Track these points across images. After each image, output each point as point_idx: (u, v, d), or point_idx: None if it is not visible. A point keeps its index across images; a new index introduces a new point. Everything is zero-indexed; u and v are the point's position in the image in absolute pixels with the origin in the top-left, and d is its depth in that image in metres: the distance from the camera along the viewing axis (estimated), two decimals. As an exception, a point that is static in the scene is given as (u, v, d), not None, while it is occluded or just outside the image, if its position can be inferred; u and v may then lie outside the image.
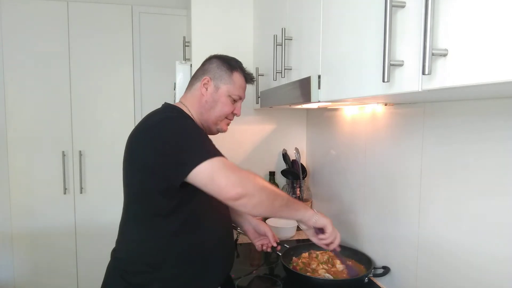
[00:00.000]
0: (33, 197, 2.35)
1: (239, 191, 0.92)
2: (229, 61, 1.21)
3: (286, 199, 1.04)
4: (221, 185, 0.92)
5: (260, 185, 0.97)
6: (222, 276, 1.17)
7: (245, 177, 0.96)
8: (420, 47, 0.57)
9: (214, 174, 0.93)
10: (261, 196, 0.97)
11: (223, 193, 0.93)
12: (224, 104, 1.19)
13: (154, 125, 1.06)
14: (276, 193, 1.01)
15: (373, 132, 1.37)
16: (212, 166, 0.94)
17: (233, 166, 0.97)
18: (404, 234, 1.20)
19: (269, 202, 0.98)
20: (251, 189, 0.94)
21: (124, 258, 1.11)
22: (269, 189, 1.00)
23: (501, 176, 0.85)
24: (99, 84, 2.41)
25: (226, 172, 0.94)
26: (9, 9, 2.22)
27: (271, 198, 0.99)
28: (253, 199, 0.95)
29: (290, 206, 1.06)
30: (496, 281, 0.87)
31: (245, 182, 0.94)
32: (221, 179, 0.93)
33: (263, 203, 0.97)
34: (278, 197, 1.01)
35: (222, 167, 0.94)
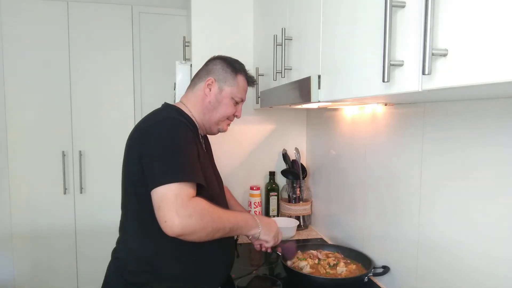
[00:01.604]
0: (33, 197, 2.35)
1: (176, 231, 0.91)
2: (233, 63, 1.22)
3: (228, 229, 1.03)
4: (162, 219, 0.91)
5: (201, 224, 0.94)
6: (222, 276, 1.17)
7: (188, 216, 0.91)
8: (420, 47, 0.57)
9: (161, 204, 0.92)
10: (200, 235, 0.95)
11: (161, 226, 0.92)
12: (227, 106, 1.20)
13: (148, 128, 1.06)
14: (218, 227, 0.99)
15: (373, 132, 1.37)
16: (163, 194, 0.92)
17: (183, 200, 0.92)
18: (404, 234, 1.20)
19: (208, 237, 0.97)
20: (189, 230, 0.92)
21: (124, 257, 1.11)
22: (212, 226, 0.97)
23: (501, 176, 0.85)
24: (99, 84, 2.41)
25: (171, 207, 0.91)
26: (9, 9, 2.22)
27: (210, 234, 0.98)
28: (190, 237, 0.94)
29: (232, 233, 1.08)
30: (496, 281, 0.87)
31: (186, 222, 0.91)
32: (164, 212, 0.91)
33: (200, 238, 0.96)
34: (220, 230, 1.00)
35: (172, 200, 0.91)
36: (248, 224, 1.13)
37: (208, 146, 1.30)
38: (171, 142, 1.01)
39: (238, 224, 1.09)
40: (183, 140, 1.03)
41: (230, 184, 1.83)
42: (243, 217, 1.13)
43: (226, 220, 1.03)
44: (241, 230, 1.11)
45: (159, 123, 1.05)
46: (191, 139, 1.06)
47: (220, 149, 1.86)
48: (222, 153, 1.92)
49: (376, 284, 1.29)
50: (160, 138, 1.01)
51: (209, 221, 0.97)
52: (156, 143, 1.00)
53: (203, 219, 0.94)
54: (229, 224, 1.04)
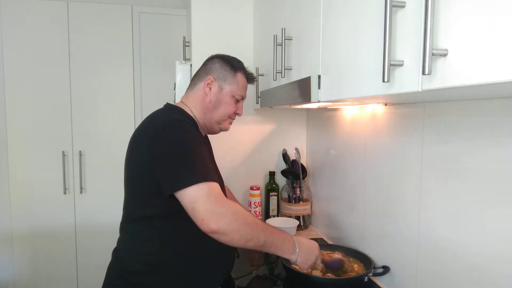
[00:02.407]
0: (33, 197, 2.35)
1: (213, 227, 0.92)
2: (231, 61, 1.22)
3: (262, 242, 1.01)
4: (199, 217, 0.92)
5: (236, 226, 0.94)
6: (222, 276, 1.17)
7: (223, 214, 0.93)
8: (420, 47, 0.57)
9: (195, 204, 0.92)
10: (233, 237, 0.95)
11: (198, 224, 0.93)
12: (227, 104, 1.20)
13: (155, 128, 1.05)
14: (253, 234, 0.98)
15: (373, 132, 1.37)
16: (196, 193, 0.93)
17: (216, 198, 0.94)
18: (404, 234, 1.20)
19: (241, 243, 0.97)
20: (224, 228, 0.93)
21: (124, 257, 1.11)
22: (246, 230, 0.97)
23: (501, 175, 0.85)
24: (99, 84, 2.41)
25: (207, 205, 0.92)
26: (9, 9, 2.22)
27: (243, 240, 0.97)
28: (224, 237, 0.94)
29: (266, 247, 1.03)
30: (496, 280, 0.87)
31: (222, 220, 0.92)
32: (200, 211, 0.92)
33: (233, 242, 0.96)
34: (254, 239, 0.98)
35: (206, 198, 0.93)
36: (285, 245, 1.08)
37: (209, 146, 1.30)
38: (187, 143, 1.00)
39: (273, 240, 1.04)
40: (196, 141, 1.04)
41: (230, 184, 1.83)
42: (282, 236, 1.08)
43: (261, 230, 1.01)
44: (276, 248, 1.06)
45: (169, 125, 1.04)
46: (201, 140, 1.08)
47: (220, 149, 1.86)
48: (222, 153, 1.92)
49: (376, 284, 1.29)
50: (174, 140, 1.00)
51: (244, 223, 0.96)
52: (172, 145, 0.99)
53: (237, 221, 0.95)
54: (264, 236, 1.01)
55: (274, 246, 1.05)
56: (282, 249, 1.07)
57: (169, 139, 1.00)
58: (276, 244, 1.05)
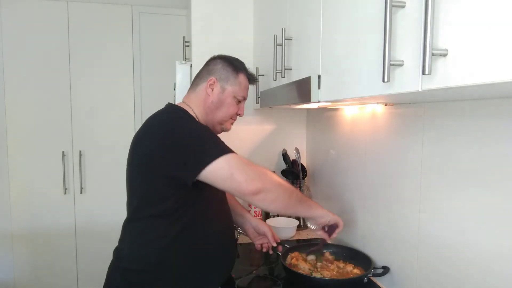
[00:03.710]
0: (33, 197, 2.35)
1: (258, 186, 0.97)
2: (233, 62, 1.22)
3: (300, 196, 1.10)
4: (241, 180, 0.97)
5: (276, 181, 1.03)
6: (223, 276, 1.17)
7: (262, 173, 1.01)
8: (420, 47, 0.57)
9: (232, 170, 0.97)
10: (278, 191, 1.02)
11: (242, 189, 0.97)
12: (229, 105, 1.20)
13: (160, 125, 1.06)
14: (291, 189, 1.07)
15: (373, 132, 1.37)
16: (229, 162, 0.98)
17: (249, 162, 1.01)
18: (404, 234, 1.20)
19: (285, 197, 1.04)
20: (268, 184, 1.00)
21: (126, 257, 1.11)
22: (285, 185, 1.06)
23: (501, 175, 0.85)
24: (99, 84, 2.41)
25: (244, 168, 0.98)
26: (9, 9, 2.23)
27: (287, 194, 1.05)
28: (270, 194, 1.00)
29: (304, 203, 1.12)
30: (496, 280, 0.87)
31: (263, 178, 1.00)
32: (240, 174, 0.97)
33: (279, 198, 1.03)
34: (293, 193, 1.07)
35: (240, 163, 0.99)
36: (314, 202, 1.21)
37: None
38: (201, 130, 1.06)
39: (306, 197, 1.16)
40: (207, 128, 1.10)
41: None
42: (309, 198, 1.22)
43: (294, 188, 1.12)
44: (310, 203, 1.17)
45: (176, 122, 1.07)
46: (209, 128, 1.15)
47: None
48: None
49: (376, 284, 1.29)
50: (187, 131, 1.03)
51: (281, 181, 1.06)
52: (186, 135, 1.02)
53: (274, 177, 1.05)
54: (299, 192, 1.12)
55: (309, 201, 1.16)
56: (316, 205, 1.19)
57: (179, 130, 1.03)
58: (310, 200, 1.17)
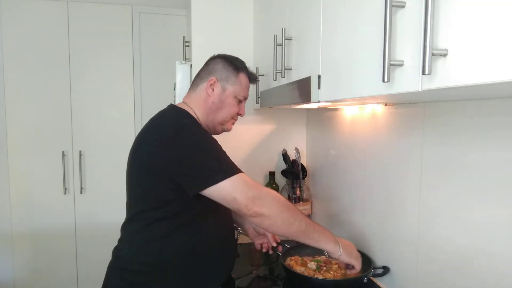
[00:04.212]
0: (33, 197, 2.35)
1: (257, 211, 0.97)
2: (234, 62, 1.21)
3: (304, 227, 1.03)
4: (242, 204, 0.96)
5: (278, 207, 1.00)
6: (223, 276, 1.17)
7: (265, 197, 1.00)
8: (420, 47, 0.57)
9: (236, 194, 0.97)
10: (276, 219, 1.00)
11: (242, 211, 0.97)
12: (230, 105, 1.19)
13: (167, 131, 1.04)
14: (295, 218, 1.02)
15: (373, 132, 1.37)
16: (233, 184, 0.97)
17: (253, 184, 1.01)
18: (404, 234, 1.20)
19: (285, 226, 1.01)
20: (267, 210, 0.98)
21: (125, 257, 1.11)
22: (287, 213, 1.01)
23: (501, 176, 0.85)
24: (99, 84, 2.41)
25: (247, 192, 0.98)
26: (9, 9, 2.22)
27: (286, 222, 1.01)
28: (267, 220, 0.99)
29: (308, 234, 1.05)
30: (497, 280, 0.87)
31: (264, 203, 0.98)
32: (242, 198, 0.96)
33: (278, 226, 1.01)
34: (296, 222, 1.02)
35: (243, 186, 0.98)
36: (326, 235, 1.09)
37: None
38: (207, 142, 1.04)
39: (315, 228, 1.06)
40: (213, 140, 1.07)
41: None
42: (320, 226, 1.10)
43: (302, 216, 1.05)
44: (318, 237, 1.07)
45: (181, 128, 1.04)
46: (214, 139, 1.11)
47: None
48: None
49: (376, 284, 1.29)
50: (192, 141, 1.01)
51: (285, 206, 1.02)
52: (191, 146, 1.00)
53: (279, 202, 1.01)
54: (305, 221, 1.04)
55: (316, 233, 1.06)
56: (325, 238, 1.09)
57: (186, 141, 1.01)
58: (318, 232, 1.07)
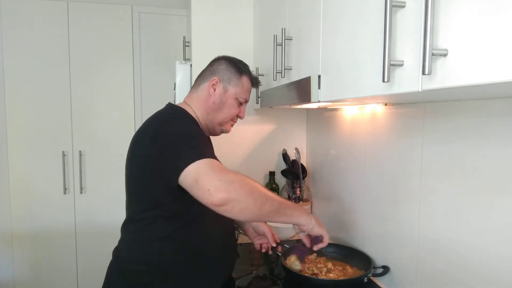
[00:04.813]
0: (33, 197, 2.35)
1: (222, 196, 0.86)
2: (238, 64, 1.22)
3: (277, 204, 0.98)
4: (204, 189, 0.87)
5: (247, 189, 0.91)
6: (223, 276, 1.17)
7: (230, 181, 0.89)
8: (420, 47, 0.57)
9: (198, 177, 0.88)
10: (247, 201, 0.90)
11: (205, 198, 0.88)
12: (231, 107, 1.19)
13: (156, 127, 1.06)
14: (266, 197, 0.95)
15: (373, 132, 1.37)
16: (197, 168, 0.89)
17: (220, 169, 0.91)
18: (404, 234, 1.20)
19: (257, 207, 0.92)
20: (235, 194, 0.88)
21: (125, 257, 1.11)
22: (258, 193, 0.94)
23: (501, 175, 0.85)
24: (99, 84, 2.41)
25: (211, 175, 0.88)
26: (9, 9, 2.22)
27: (258, 203, 0.92)
28: (237, 205, 0.89)
29: (281, 211, 1.00)
30: (497, 280, 0.87)
31: (230, 186, 0.88)
32: (204, 182, 0.87)
33: (249, 209, 0.91)
34: (268, 201, 0.95)
35: (208, 170, 0.89)
36: (297, 208, 1.06)
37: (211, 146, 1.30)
38: (186, 131, 1.02)
39: (286, 204, 1.02)
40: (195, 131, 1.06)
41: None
42: (290, 202, 1.07)
43: (272, 194, 0.99)
44: (291, 212, 1.03)
45: (167, 121, 1.06)
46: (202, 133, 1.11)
47: (220, 149, 1.85)
48: (222, 153, 1.91)
49: (376, 284, 1.29)
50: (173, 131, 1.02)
51: (254, 188, 0.93)
52: (170, 135, 1.00)
53: (247, 184, 0.92)
54: (277, 198, 0.99)
55: (289, 209, 1.02)
56: (297, 212, 1.05)
57: (168, 132, 1.01)
58: (290, 208, 1.04)
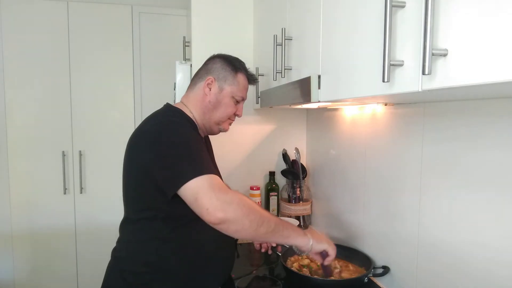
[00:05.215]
0: (33, 197, 2.34)
1: (220, 216, 0.89)
2: (233, 62, 1.21)
3: (273, 225, 0.98)
4: (203, 207, 0.89)
5: (244, 211, 0.92)
6: (222, 276, 1.17)
7: (229, 201, 0.91)
8: (420, 47, 0.57)
9: (197, 195, 0.90)
10: (243, 222, 0.92)
11: (204, 216, 0.90)
12: (227, 105, 1.19)
13: (153, 129, 1.04)
14: (263, 219, 0.95)
15: (373, 132, 1.37)
16: (197, 185, 0.91)
17: (219, 187, 0.92)
18: (404, 234, 1.20)
19: (252, 229, 0.93)
20: (232, 215, 0.90)
21: (124, 257, 1.11)
22: (255, 215, 0.94)
23: (501, 176, 0.85)
24: (99, 84, 2.41)
25: (210, 194, 0.90)
26: (9, 9, 2.22)
27: (254, 225, 0.94)
28: (233, 226, 0.91)
29: (278, 232, 1.00)
30: (496, 280, 0.87)
31: (228, 207, 0.90)
32: (203, 201, 0.90)
33: (245, 230, 0.93)
34: (264, 223, 0.95)
35: (207, 188, 0.91)
36: (295, 230, 1.05)
37: (209, 147, 1.30)
38: (185, 142, 1.00)
39: (283, 225, 1.01)
40: (194, 140, 1.03)
41: (230, 184, 1.82)
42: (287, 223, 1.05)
43: (269, 215, 0.99)
44: (288, 233, 1.02)
45: (166, 127, 1.04)
46: (199, 139, 1.08)
47: (220, 149, 1.86)
48: (222, 153, 1.92)
49: (376, 284, 1.29)
50: (171, 141, 0.99)
51: (251, 210, 0.94)
52: (169, 146, 0.98)
53: (244, 206, 0.93)
54: (274, 220, 0.99)
55: (286, 230, 1.01)
56: (294, 233, 1.04)
57: (167, 140, 1.00)
58: (287, 228, 1.02)
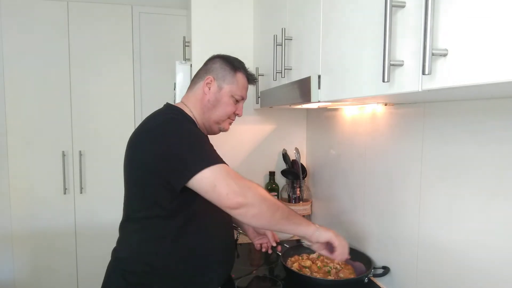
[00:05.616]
0: (33, 197, 2.34)
1: (239, 200, 0.93)
2: (232, 61, 1.22)
3: (287, 212, 1.03)
4: (222, 193, 0.93)
5: (261, 195, 0.98)
6: (222, 276, 1.17)
7: (247, 186, 0.96)
8: (420, 47, 0.57)
9: (216, 182, 0.93)
10: (261, 207, 0.96)
11: (223, 201, 0.94)
12: (226, 104, 1.19)
13: (155, 127, 1.05)
14: (277, 205, 1.01)
15: (373, 132, 1.37)
16: (214, 173, 0.94)
17: (235, 175, 0.97)
18: (404, 234, 1.20)
19: (270, 213, 0.98)
20: (251, 199, 0.95)
21: (124, 257, 1.11)
22: (271, 201, 1.00)
23: (501, 176, 0.85)
24: (99, 84, 2.41)
25: (228, 180, 0.94)
26: (9, 9, 2.22)
27: (271, 210, 0.98)
28: (252, 209, 0.95)
29: (291, 219, 1.04)
30: (496, 281, 0.86)
31: (246, 191, 0.95)
32: (222, 187, 0.93)
33: (263, 214, 0.97)
34: (279, 209, 1.00)
35: (225, 175, 0.95)
36: (304, 219, 1.10)
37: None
38: (191, 135, 1.03)
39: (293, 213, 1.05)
40: (199, 134, 1.06)
41: (230, 184, 1.83)
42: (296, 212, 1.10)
43: (282, 203, 1.04)
44: (300, 221, 1.06)
45: (168, 122, 1.05)
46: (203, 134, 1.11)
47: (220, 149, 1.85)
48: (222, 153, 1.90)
49: (377, 284, 1.29)
50: (177, 134, 1.01)
51: (267, 196, 0.99)
52: (176, 139, 1.00)
53: (261, 191, 0.99)
54: (286, 208, 1.03)
55: (297, 218, 1.05)
56: (305, 222, 1.08)
57: (170, 133, 1.01)
58: (298, 217, 1.06)
